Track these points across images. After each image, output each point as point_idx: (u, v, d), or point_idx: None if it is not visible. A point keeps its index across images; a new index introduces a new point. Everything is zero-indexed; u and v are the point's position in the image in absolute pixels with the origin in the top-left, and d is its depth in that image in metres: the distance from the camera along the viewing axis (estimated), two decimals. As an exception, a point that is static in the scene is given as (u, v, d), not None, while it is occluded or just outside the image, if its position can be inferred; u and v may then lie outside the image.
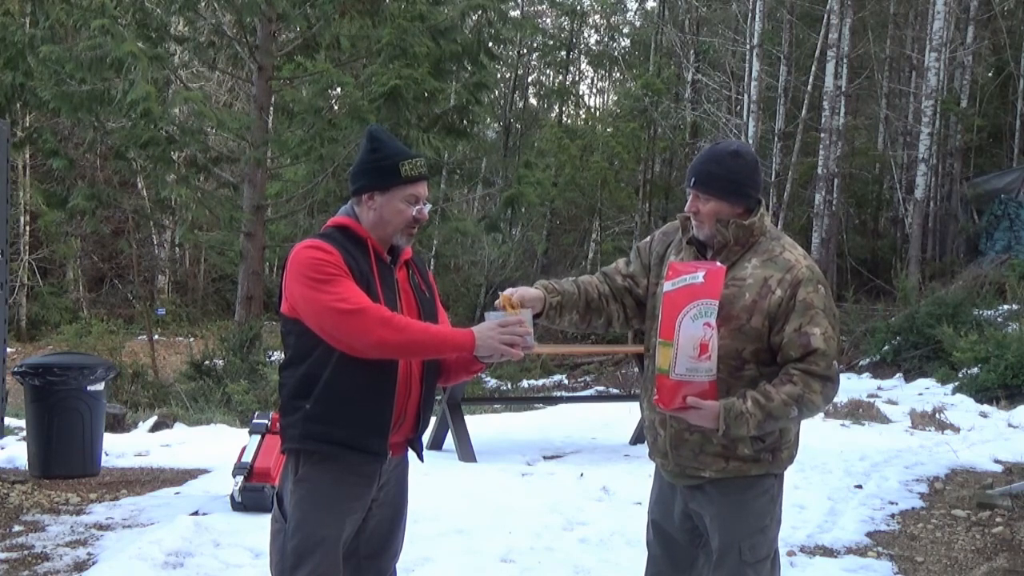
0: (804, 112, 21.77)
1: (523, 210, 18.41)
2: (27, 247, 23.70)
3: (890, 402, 11.47)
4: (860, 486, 6.89)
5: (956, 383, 13.10)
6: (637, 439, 8.35)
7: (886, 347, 15.70)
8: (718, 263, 2.84)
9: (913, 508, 6.40)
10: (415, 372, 2.89)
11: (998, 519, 6.05)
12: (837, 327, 2.88)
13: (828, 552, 5.33)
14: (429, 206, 2.93)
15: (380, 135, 2.93)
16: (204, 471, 7.03)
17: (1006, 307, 15.54)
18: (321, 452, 2.81)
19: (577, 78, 34.37)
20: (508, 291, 2.92)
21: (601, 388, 16.41)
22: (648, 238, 3.20)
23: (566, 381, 18.47)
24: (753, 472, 2.92)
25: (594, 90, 37.74)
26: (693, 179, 2.92)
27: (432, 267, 22.33)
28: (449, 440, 7.78)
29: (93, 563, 4.81)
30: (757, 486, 2.94)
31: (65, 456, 6.67)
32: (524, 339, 2.78)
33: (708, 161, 2.92)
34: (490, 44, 15.29)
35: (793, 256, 2.89)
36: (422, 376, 2.91)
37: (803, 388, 2.79)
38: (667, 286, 2.82)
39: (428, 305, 2.97)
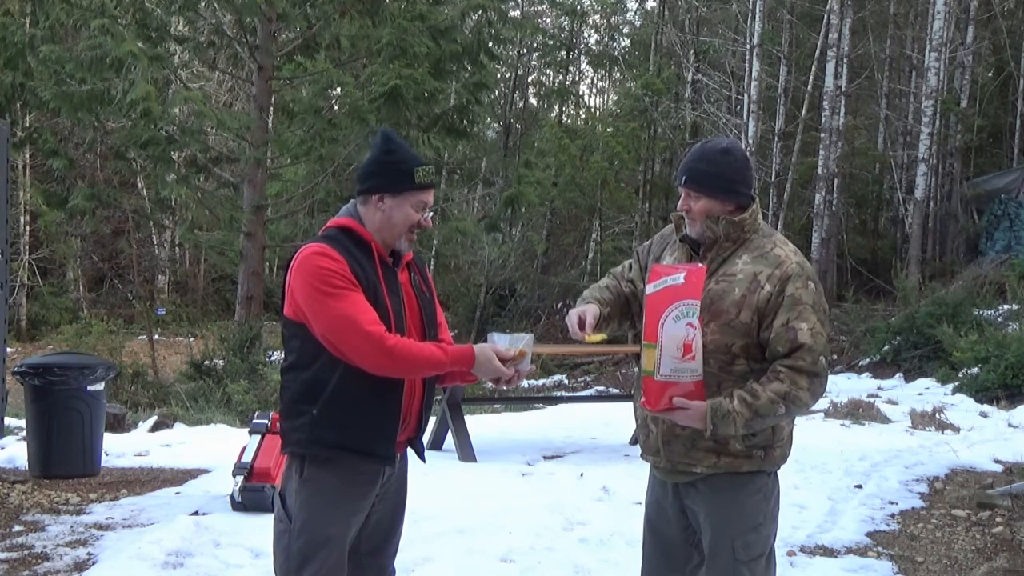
0: (804, 112, 21.77)
1: (523, 210, 18.43)
2: (27, 247, 23.70)
3: (890, 402, 11.46)
4: (860, 486, 6.89)
5: (956, 383, 13.09)
6: (637, 439, 8.35)
7: (886, 347, 15.69)
8: (700, 264, 2.87)
9: (913, 508, 6.40)
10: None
11: (998, 519, 6.04)
12: (826, 323, 2.89)
13: (828, 552, 5.33)
14: (431, 212, 2.96)
15: (394, 137, 2.95)
16: (204, 471, 7.04)
17: (1006, 307, 15.52)
18: (328, 456, 2.82)
19: (577, 78, 34.34)
20: (575, 318, 2.99)
21: (601, 388, 16.38)
22: (647, 242, 3.25)
23: (566, 381, 18.44)
24: (745, 468, 2.92)
25: (594, 90, 37.75)
26: (684, 177, 2.95)
27: (432, 267, 22.30)
28: (449, 440, 7.77)
29: (93, 563, 4.81)
30: (749, 484, 2.94)
31: (65, 456, 6.67)
32: (520, 373, 2.88)
33: (698, 159, 2.95)
34: (490, 44, 15.28)
35: (783, 252, 2.92)
36: (424, 378, 2.94)
37: (790, 385, 2.79)
38: (649, 288, 2.86)
39: (429, 306, 3.00)
